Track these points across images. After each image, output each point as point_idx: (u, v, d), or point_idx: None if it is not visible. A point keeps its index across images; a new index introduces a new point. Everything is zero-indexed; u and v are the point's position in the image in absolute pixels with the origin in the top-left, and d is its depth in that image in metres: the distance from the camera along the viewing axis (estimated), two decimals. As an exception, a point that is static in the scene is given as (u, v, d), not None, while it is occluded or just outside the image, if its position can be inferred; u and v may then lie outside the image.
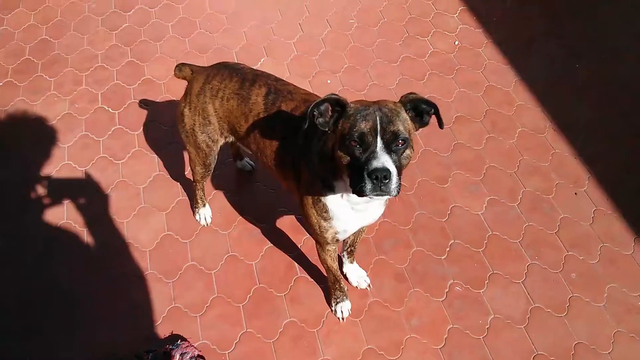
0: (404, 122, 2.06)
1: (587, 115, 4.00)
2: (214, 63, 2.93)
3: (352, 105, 2.11)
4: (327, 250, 2.66)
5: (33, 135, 3.85)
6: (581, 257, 3.25)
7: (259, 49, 4.45)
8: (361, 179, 1.98)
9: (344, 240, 2.98)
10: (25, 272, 3.17)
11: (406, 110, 2.11)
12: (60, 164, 3.68)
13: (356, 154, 2.03)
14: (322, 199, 2.39)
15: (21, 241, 3.30)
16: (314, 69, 4.30)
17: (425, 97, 2.12)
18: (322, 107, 2.15)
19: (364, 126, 2.01)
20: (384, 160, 1.96)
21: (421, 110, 2.14)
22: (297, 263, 3.22)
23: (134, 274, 3.17)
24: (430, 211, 3.45)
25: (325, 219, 2.44)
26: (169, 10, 4.79)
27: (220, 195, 3.53)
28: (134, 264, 3.21)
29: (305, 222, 2.54)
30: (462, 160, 3.72)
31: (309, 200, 2.45)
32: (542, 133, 3.88)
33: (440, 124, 2.15)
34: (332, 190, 2.34)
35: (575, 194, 3.55)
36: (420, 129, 2.20)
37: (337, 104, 2.13)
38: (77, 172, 3.64)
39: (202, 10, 4.78)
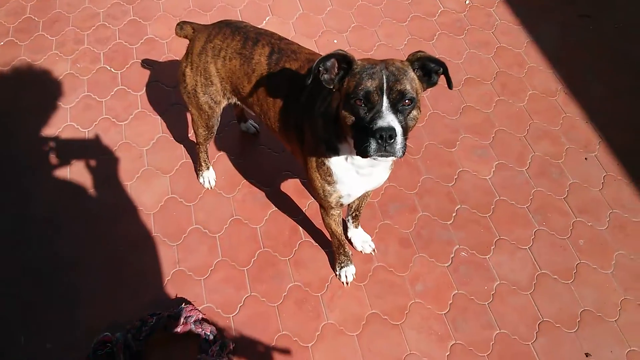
0: (411, 82, 1.99)
1: (600, 78, 3.89)
2: (216, 21, 2.84)
3: (359, 62, 2.05)
4: (332, 214, 2.62)
5: (35, 96, 3.79)
6: (590, 224, 3.20)
7: (263, 7, 4.33)
8: (365, 138, 1.93)
9: (348, 205, 2.94)
10: (28, 236, 3.16)
11: (414, 70, 2.05)
12: (63, 125, 3.63)
13: (361, 114, 1.97)
14: (326, 162, 2.34)
15: (24, 204, 3.28)
16: (320, 28, 4.18)
17: (435, 56, 2.05)
18: (329, 63, 2.08)
19: (369, 84, 1.95)
20: (389, 119, 1.91)
21: (429, 69, 2.08)
22: (302, 227, 3.19)
23: (138, 237, 3.15)
24: (437, 175, 3.40)
25: (329, 183, 2.39)
26: (172, -34, 4.65)
27: (224, 158, 3.49)
28: (138, 227, 3.19)
29: (309, 186, 2.50)
30: (471, 123, 3.65)
31: (313, 163, 2.40)
32: (553, 96, 3.79)
33: (450, 84, 2.09)
34: (336, 153, 2.28)
35: (586, 159, 3.48)
36: (429, 90, 2.14)
37: (344, 61, 2.07)
38: (80, 134, 3.60)
39: (206, -33, 4.64)
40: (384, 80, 1.94)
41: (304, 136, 2.44)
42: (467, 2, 4.37)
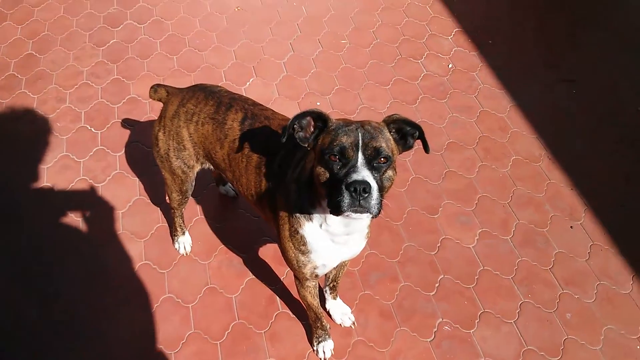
0: (387, 141, 1.95)
1: (584, 145, 3.87)
2: (191, 85, 2.80)
3: (334, 120, 2.01)
4: (307, 286, 2.52)
5: (14, 153, 3.71)
6: (577, 296, 3.11)
7: (248, 69, 4.33)
8: (339, 192, 1.85)
9: (325, 275, 2.84)
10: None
11: (390, 131, 2.01)
12: (39, 185, 3.54)
13: (335, 169, 1.91)
14: (300, 230, 2.25)
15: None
16: (304, 90, 4.17)
17: (410, 119, 2.01)
18: (304, 121, 2.05)
19: (345, 140, 1.90)
20: (364, 174, 1.84)
21: (405, 132, 2.04)
22: (279, 297, 3.07)
23: (108, 305, 3.01)
24: (419, 243, 3.31)
25: (303, 253, 2.30)
26: (159, 26, 4.68)
27: (201, 222, 3.39)
28: (109, 295, 3.06)
29: (283, 256, 2.40)
30: (454, 189, 3.59)
31: (286, 232, 2.31)
32: (537, 162, 3.75)
33: (426, 148, 2.05)
34: (310, 220, 2.20)
35: (571, 227, 3.41)
36: (411, 154, 2.10)
37: (319, 119, 2.04)
38: (55, 195, 3.50)
39: (192, 28, 4.66)
40: (360, 137, 1.90)
41: (276, 204, 2.36)
42: (450, 65, 4.39)
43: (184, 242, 3.23)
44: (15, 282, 3.10)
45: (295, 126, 2.03)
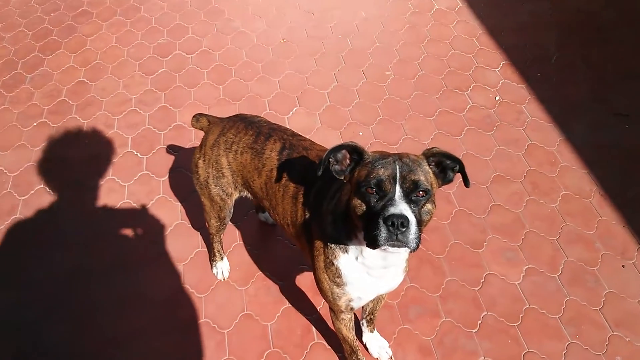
0: (425, 174, 1.90)
1: (637, 181, 3.71)
2: (232, 115, 2.83)
3: (370, 153, 1.98)
4: (342, 319, 2.46)
5: (60, 177, 3.82)
6: (627, 339, 2.93)
7: (291, 99, 4.36)
8: (376, 226, 1.80)
9: (362, 307, 2.77)
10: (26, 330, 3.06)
11: (429, 164, 1.97)
12: (84, 208, 3.62)
13: (372, 202, 1.87)
14: (335, 262, 2.20)
15: (26, 297, 3.21)
16: (346, 120, 4.17)
17: (450, 153, 1.97)
18: (339, 155, 2.03)
19: (382, 173, 1.86)
20: (402, 207, 1.80)
21: (445, 166, 2.00)
22: (315, 327, 3.01)
23: (144, 327, 3.02)
24: (462, 278, 3.21)
25: (338, 285, 2.25)
26: (206, 57, 4.78)
27: (240, 248, 3.39)
28: (145, 317, 3.06)
29: (318, 288, 2.35)
30: (499, 223, 3.48)
31: (321, 263, 2.27)
32: (587, 198, 3.61)
33: (466, 182, 2.00)
34: (345, 251, 2.16)
35: (623, 266, 3.25)
36: (455, 186, 2.04)
37: (355, 152, 2.01)
38: (101, 218, 3.57)
39: (238, 59, 4.75)
40: (397, 170, 1.86)
41: (312, 234, 2.33)
42: (497, 98, 4.31)
43: (222, 268, 3.23)
44: (51, 302, 3.15)
45: (330, 159, 2.02)
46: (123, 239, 3.44)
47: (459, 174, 2.00)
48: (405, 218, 1.77)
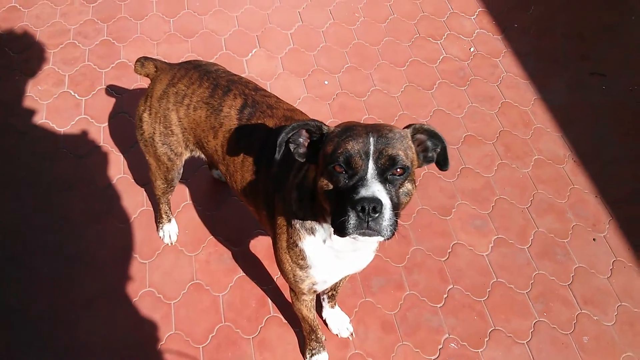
0: (406, 149, 1.62)
1: (612, 146, 3.55)
2: (183, 61, 2.45)
3: (336, 129, 1.68)
4: (303, 300, 2.23)
5: (-16, 119, 3.38)
6: (595, 317, 2.83)
7: (251, 38, 3.95)
8: (344, 211, 1.52)
9: (326, 283, 2.55)
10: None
11: (412, 140, 1.69)
12: (15, 153, 3.21)
13: (341, 182, 1.58)
14: (299, 243, 1.93)
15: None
16: (311, 66, 3.81)
17: (438, 132, 1.72)
18: (300, 137, 1.75)
19: (351, 147, 1.57)
20: (375, 188, 1.52)
21: (427, 145, 1.73)
22: (271, 299, 2.78)
23: (85, 296, 2.72)
24: (428, 247, 3.02)
25: (301, 267, 1.99)
26: (156, -16, 4.27)
27: (190, 209, 3.08)
28: (86, 284, 2.76)
29: (278, 267, 2.10)
30: (469, 188, 3.28)
31: (283, 243, 2.00)
32: (560, 164, 3.43)
33: (445, 165, 1.76)
34: (312, 233, 1.89)
35: (594, 239, 3.12)
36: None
37: (319, 131, 1.71)
38: (32, 166, 3.17)
39: (192, -12, 4.26)
40: (371, 143, 1.56)
41: (274, 209, 2.04)
42: (471, 49, 4.03)
43: (170, 231, 2.93)
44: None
45: (290, 142, 1.73)
46: (63, 194, 3.08)
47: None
48: (378, 202, 1.49)
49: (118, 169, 3.20)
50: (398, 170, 1.58)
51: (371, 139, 1.58)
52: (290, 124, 1.72)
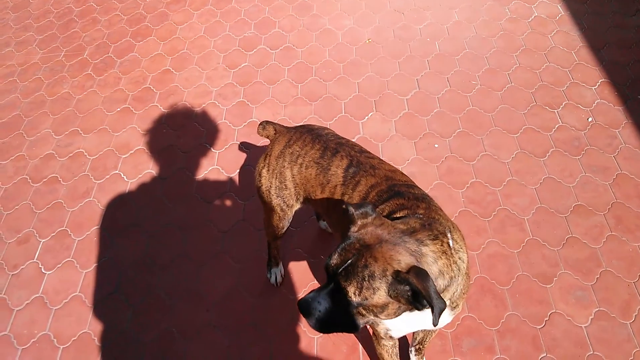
0: (365, 290, 1.72)
1: None
2: (299, 125, 2.77)
3: (353, 231, 1.85)
4: (383, 345, 2.36)
5: (135, 164, 3.95)
6: None
7: (368, 103, 4.26)
8: None
9: (413, 334, 2.66)
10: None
11: (397, 281, 1.70)
12: (154, 196, 3.73)
13: None
14: None
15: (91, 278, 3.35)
16: (423, 130, 4.01)
17: (426, 290, 1.64)
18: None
19: (331, 259, 1.82)
20: (312, 297, 1.83)
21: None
22: (362, 346, 2.93)
23: (199, 325, 3.07)
24: (524, 314, 3.01)
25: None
26: (289, 53, 4.76)
27: (297, 255, 3.36)
28: (200, 315, 3.12)
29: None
30: (574, 258, 3.23)
31: None
32: (678, 240, 3.28)
33: (434, 321, 1.67)
34: None
35: None
36: (525, 214, 1.87)
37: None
38: (168, 208, 3.66)
39: (321, 57, 4.70)
40: (344, 265, 1.77)
41: None
42: (589, 119, 3.99)
43: (276, 273, 3.22)
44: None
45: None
46: (188, 232, 3.51)
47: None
48: (307, 309, 1.81)
49: (239, 214, 3.58)
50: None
51: (349, 262, 1.76)
52: (392, 183, 2.11)
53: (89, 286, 3.30)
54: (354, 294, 1.73)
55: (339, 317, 1.79)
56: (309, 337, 2.98)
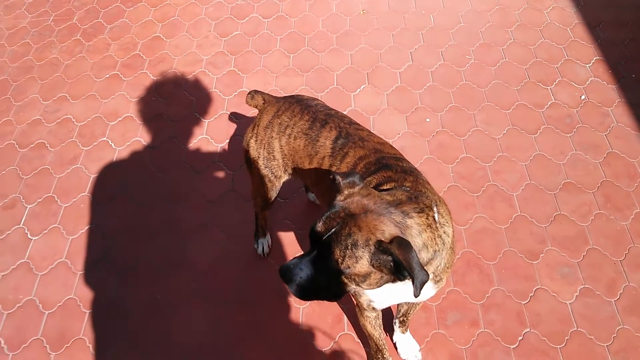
0: (347, 258, 1.71)
1: None
2: (287, 95, 2.74)
3: (339, 199, 1.84)
4: (366, 316, 2.37)
5: (123, 132, 3.91)
6: (684, 383, 2.68)
7: (361, 75, 4.21)
8: None
9: (397, 307, 2.67)
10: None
11: (380, 251, 1.69)
12: (143, 165, 3.70)
13: None
14: None
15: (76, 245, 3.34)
16: (415, 104, 3.98)
17: (408, 260, 1.62)
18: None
19: (316, 224, 1.83)
20: (295, 264, 1.83)
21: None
22: (347, 317, 2.95)
23: (186, 294, 3.09)
24: (509, 289, 3.03)
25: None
26: (282, 22, 4.69)
27: (284, 226, 3.35)
28: (187, 285, 3.12)
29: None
30: (561, 235, 3.24)
31: None
32: (665, 220, 3.29)
33: (415, 293, 1.66)
34: None
35: (692, 302, 2.95)
36: (514, 190, 1.85)
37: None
38: (156, 177, 3.64)
39: (314, 27, 4.63)
40: (329, 233, 1.76)
41: None
42: (582, 97, 3.97)
43: (264, 243, 3.21)
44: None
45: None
46: (176, 201, 3.49)
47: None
48: (287, 274, 1.81)
49: (228, 184, 3.56)
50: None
51: (333, 230, 1.75)
52: (381, 155, 2.12)
53: (75, 253, 3.29)
54: (337, 262, 1.72)
55: (320, 284, 1.79)
56: (295, 307, 2.99)
